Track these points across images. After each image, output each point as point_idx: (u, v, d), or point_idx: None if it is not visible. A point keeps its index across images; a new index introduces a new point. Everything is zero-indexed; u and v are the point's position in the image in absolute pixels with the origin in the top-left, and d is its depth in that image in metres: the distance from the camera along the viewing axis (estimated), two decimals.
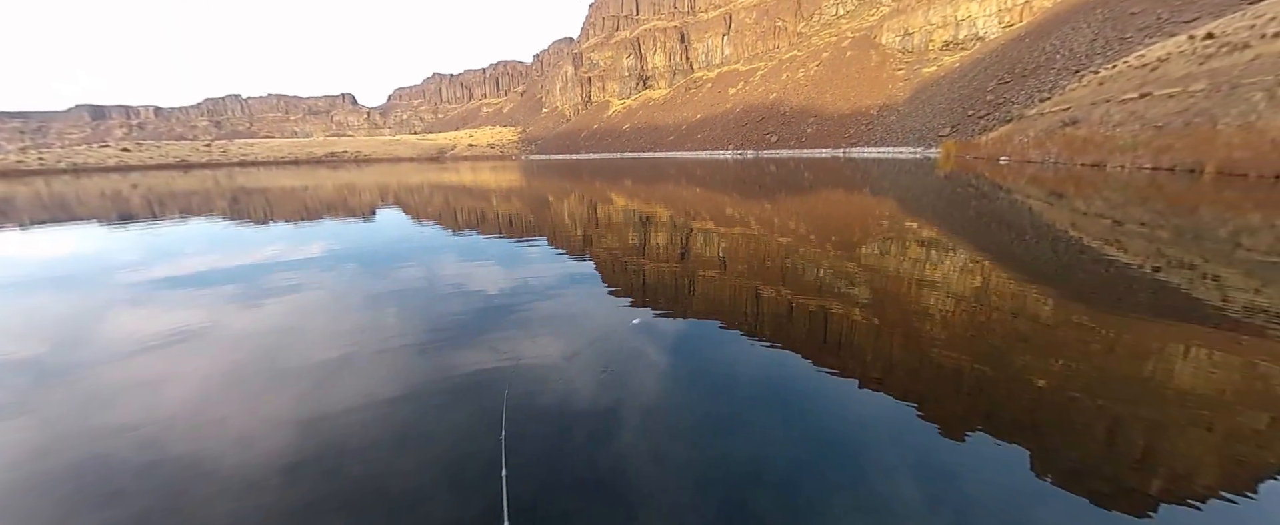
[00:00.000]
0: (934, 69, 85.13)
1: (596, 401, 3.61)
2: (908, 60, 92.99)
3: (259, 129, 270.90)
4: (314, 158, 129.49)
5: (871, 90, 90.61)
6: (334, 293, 7.12)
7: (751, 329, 5.06)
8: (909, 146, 67.60)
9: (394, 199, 23.41)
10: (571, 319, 5.54)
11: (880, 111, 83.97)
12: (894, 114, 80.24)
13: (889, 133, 75.97)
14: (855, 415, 3.43)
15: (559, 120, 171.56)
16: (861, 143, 79.60)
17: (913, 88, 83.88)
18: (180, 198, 27.22)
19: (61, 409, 3.87)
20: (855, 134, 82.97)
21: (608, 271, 7.91)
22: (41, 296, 7.53)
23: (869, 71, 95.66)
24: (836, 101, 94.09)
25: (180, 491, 2.81)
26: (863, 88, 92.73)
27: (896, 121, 77.42)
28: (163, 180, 49.69)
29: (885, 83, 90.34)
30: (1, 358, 4.98)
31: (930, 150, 59.46)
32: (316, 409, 3.66)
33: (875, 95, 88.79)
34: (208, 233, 13.98)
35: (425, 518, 2.52)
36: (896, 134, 74.04)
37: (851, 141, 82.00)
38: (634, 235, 11.18)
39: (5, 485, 2.92)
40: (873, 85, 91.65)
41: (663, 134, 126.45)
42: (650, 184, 28.53)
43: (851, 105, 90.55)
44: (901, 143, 70.51)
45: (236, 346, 5.09)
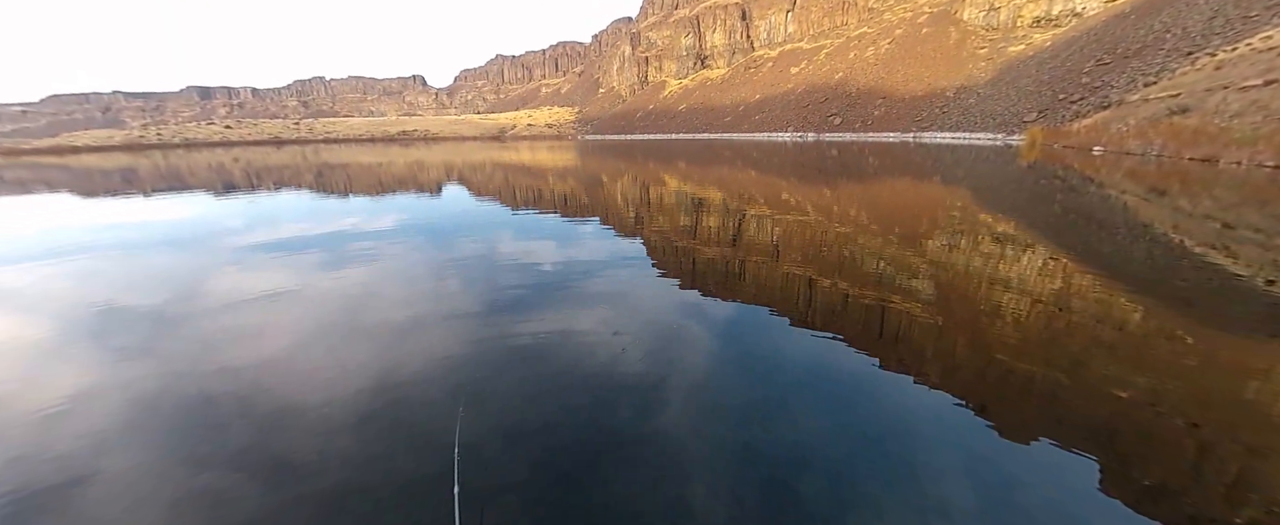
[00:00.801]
0: (1022, 48, 77.31)
1: (641, 376, 3.72)
2: (991, 38, 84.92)
3: (340, 108, 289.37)
4: (388, 136, 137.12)
5: (948, 70, 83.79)
6: (405, 261, 7.64)
7: (802, 318, 4.98)
8: (988, 132, 62.29)
9: (458, 176, 24.49)
10: (620, 297, 5.66)
11: (957, 94, 77.59)
12: (973, 96, 73.94)
13: (966, 117, 70.23)
14: (908, 412, 3.34)
15: (615, 101, 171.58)
16: (934, 127, 74.12)
17: (996, 68, 76.68)
18: (274, 171, 29.85)
19: (177, 352, 4.46)
20: (928, 117, 77.32)
21: (658, 253, 7.97)
22: (161, 255, 8.59)
23: (946, 50, 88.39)
24: (908, 82, 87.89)
25: (272, 429, 3.19)
26: (939, 67, 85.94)
27: (975, 105, 71.39)
28: (259, 155, 54.61)
29: (964, 62, 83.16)
30: (129, 307, 5.77)
31: (1012, 137, 54.56)
32: (388, 364, 4.01)
33: (952, 76, 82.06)
34: (297, 204, 15.31)
35: (479, 462, 2.73)
36: (974, 118, 68.34)
37: (923, 125, 76.52)
38: (685, 218, 11.14)
39: (132, 416, 3.44)
40: (950, 65, 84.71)
41: (718, 115, 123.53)
42: (704, 166, 28.12)
43: (925, 86, 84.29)
44: (980, 128, 65.07)
45: (322, 305, 5.62)
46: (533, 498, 2.53)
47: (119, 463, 2.89)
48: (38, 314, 5.61)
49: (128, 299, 6.07)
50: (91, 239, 10.38)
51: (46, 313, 5.64)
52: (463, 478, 2.60)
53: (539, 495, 2.55)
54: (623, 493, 2.54)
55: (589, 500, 2.50)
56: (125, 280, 7.01)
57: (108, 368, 4.18)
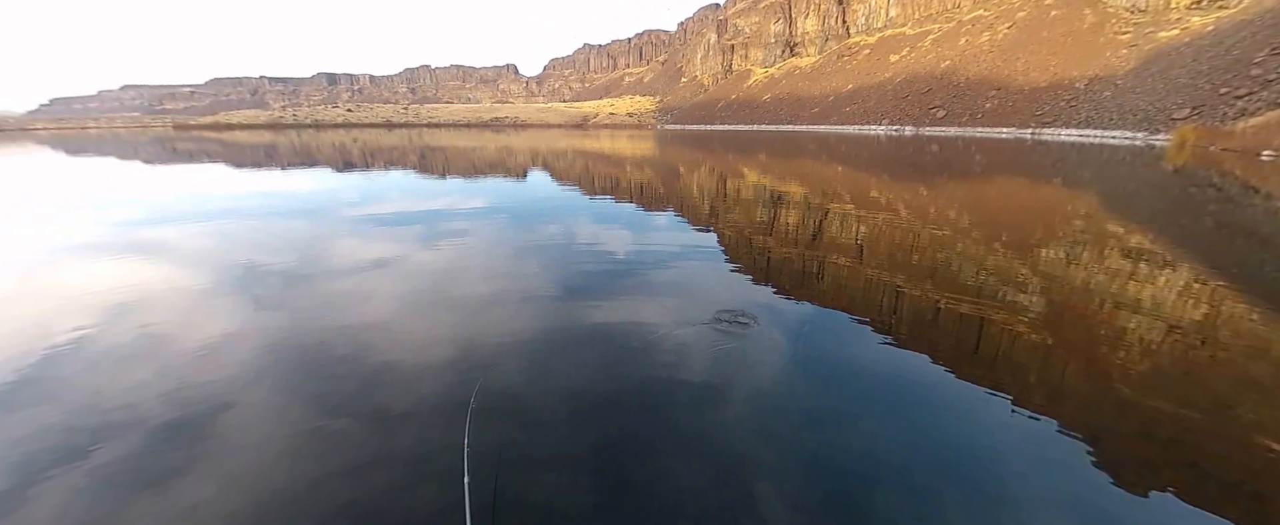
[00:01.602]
0: (1175, 33, 65.11)
1: (707, 370, 3.72)
2: (1137, 21, 72.31)
3: (442, 95, 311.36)
4: (482, 122, 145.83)
5: (1080, 58, 72.79)
6: (491, 241, 8.16)
7: (884, 326, 4.69)
8: (1126, 131, 53.79)
9: (542, 162, 25.55)
10: (689, 289, 5.66)
11: (1089, 85, 67.26)
12: (1109, 89, 63.80)
13: (1099, 112, 60.90)
14: (1000, 438, 3.06)
15: (697, 90, 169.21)
16: (1058, 123, 65.16)
17: (1140, 57, 65.41)
18: (385, 152, 32.94)
19: (301, 307, 5.12)
20: (1051, 112, 68.05)
21: (731, 246, 7.84)
22: (292, 222, 9.85)
23: (1079, 35, 76.83)
24: (1029, 71, 77.82)
25: (374, 382, 3.59)
26: (1068, 55, 75.01)
27: (1112, 98, 61.62)
28: (373, 136, 60.52)
29: (1101, 49, 71.70)
30: (265, 265, 6.69)
31: (1156, 137, 46.86)
32: (471, 334, 4.33)
33: (1084, 64, 71.18)
34: (403, 182, 16.83)
35: (542, 436, 2.89)
36: (1109, 114, 59.11)
37: (1044, 120, 67.48)
38: (762, 212, 10.84)
39: (265, 358, 4.00)
40: (1082, 52, 73.55)
41: (806, 106, 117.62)
42: (786, 159, 27.05)
43: (1049, 76, 74.13)
44: (1115, 125, 56.31)
45: (418, 276, 6.18)
46: (583, 483, 2.64)
47: (252, 397, 3.40)
48: (196, 266, 6.69)
49: (265, 258, 7.05)
50: (239, 205, 12.13)
51: (203, 265, 6.70)
52: (509, 455, 2.78)
53: (590, 481, 2.66)
54: (678, 488, 2.58)
55: (643, 493, 2.56)
56: (264, 241, 8.14)
57: (247, 315, 4.90)
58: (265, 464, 2.70)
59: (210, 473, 2.66)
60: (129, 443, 2.91)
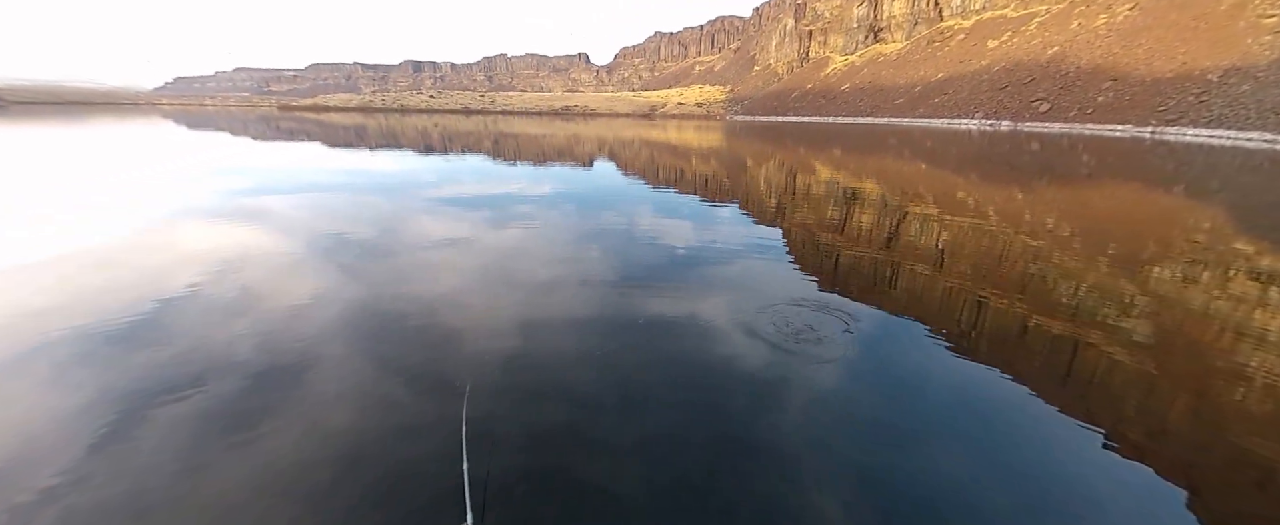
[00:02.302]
0: None
1: (762, 373, 3.58)
2: None
3: (516, 83, 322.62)
4: (553, 110, 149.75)
5: (1214, 45, 61.89)
6: (555, 226, 8.35)
7: (962, 341, 4.31)
8: (1267, 132, 45.84)
9: (608, 151, 25.82)
10: (749, 287, 5.49)
11: (1224, 77, 57.20)
12: (1248, 82, 54.13)
13: (1234, 109, 51.96)
14: (1088, 477, 2.71)
15: (770, 79, 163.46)
16: (1184, 121, 56.38)
17: None
18: (462, 137, 34.69)
19: (379, 277, 5.49)
20: (1176, 107, 58.93)
21: (797, 245, 7.52)
22: (374, 198, 10.60)
23: (1214, 18, 65.37)
24: (1152, 60, 67.71)
25: (439, 352, 3.77)
26: (1200, 41, 64.17)
27: (1251, 93, 52.32)
28: (452, 121, 63.91)
29: (1240, 36, 60.43)
30: (351, 236, 7.23)
31: None
32: (531, 316, 4.44)
33: (1219, 53, 60.44)
34: (477, 166, 17.65)
35: (591, 420, 2.90)
36: (1247, 112, 50.33)
37: (1167, 117, 58.57)
38: (833, 210, 10.31)
39: (344, 321, 4.32)
40: (1218, 38, 62.48)
41: (888, 96, 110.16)
42: (863, 154, 25.55)
43: (1176, 66, 64.02)
44: (1253, 125, 47.99)
45: (485, 255, 6.45)
46: (629, 474, 2.62)
47: (330, 354, 3.68)
48: (291, 233, 7.36)
49: (350, 230, 7.63)
50: (332, 180, 13.23)
51: (297, 233, 7.36)
52: (554, 436, 2.81)
53: (637, 474, 2.63)
54: (724, 491, 2.50)
55: (688, 491, 2.51)
56: (351, 215, 8.82)
57: (332, 281, 5.32)
58: (335, 417, 2.91)
59: (288, 419, 2.91)
60: (224, 386, 3.25)
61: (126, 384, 3.28)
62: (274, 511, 2.26)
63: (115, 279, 5.34)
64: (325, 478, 2.48)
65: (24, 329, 4.06)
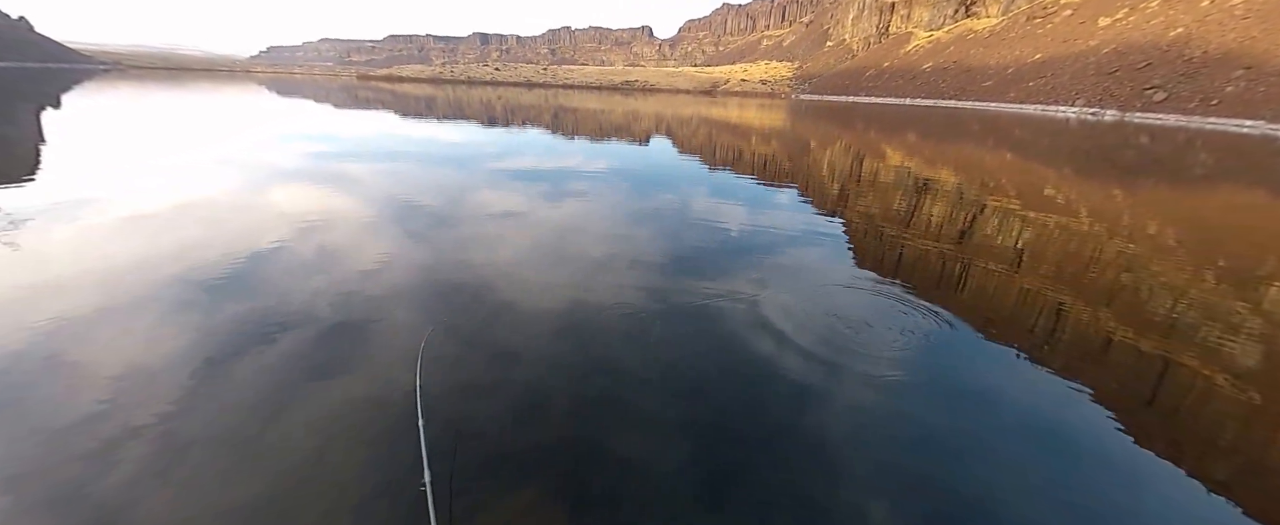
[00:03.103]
0: None
1: (809, 366, 3.48)
2: None
3: (579, 56, 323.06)
4: (613, 84, 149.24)
5: None
6: (608, 204, 8.42)
7: (1033, 350, 3.99)
8: None
9: (666, 129, 25.50)
10: (802, 277, 5.32)
11: None
12: None
13: None
14: (1167, 515, 2.47)
15: (843, 55, 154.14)
16: None
17: None
18: (523, 110, 35.40)
19: (441, 244, 5.78)
20: None
21: (857, 235, 7.18)
22: (442, 168, 11.08)
23: None
24: None
25: (495, 318, 3.94)
26: None
27: None
28: (514, 95, 65.27)
29: None
30: (418, 204, 7.62)
31: None
32: (581, 292, 4.54)
33: None
34: (537, 140, 18.00)
35: (633, 395, 2.96)
36: None
37: None
38: (902, 201, 9.72)
39: (410, 285, 4.59)
40: None
41: (975, 78, 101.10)
42: (941, 141, 23.77)
43: None
44: None
45: (540, 229, 6.62)
46: (669, 458, 2.65)
47: (395, 314, 3.95)
48: (366, 198, 7.85)
49: (419, 198, 8.04)
50: (404, 149, 13.95)
51: (371, 198, 7.85)
52: (598, 409, 2.88)
53: (676, 457, 2.66)
54: (761, 482, 2.48)
55: (726, 479, 2.51)
56: (420, 183, 9.29)
57: (400, 245, 5.66)
58: (397, 374, 3.13)
59: (358, 368, 3.17)
60: (303, 336, 3.57)
61: (222, 328, 3.67)
62: (343, 453, 2.49)
63: (215, 233, 5.94)
64: (387, 426, 2.69)
65: (140, 275, 4.62)
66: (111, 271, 4.63)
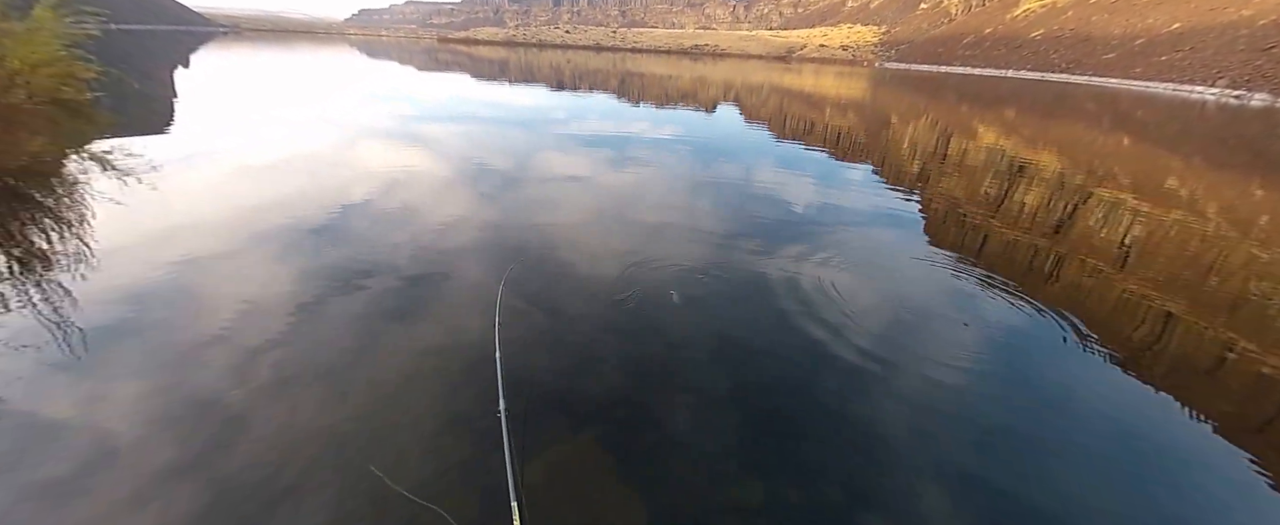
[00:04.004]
0: None
1: (869, 352, 3.36)
2: None
3: (649, 19, 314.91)
4: (682, 49, 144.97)
5: None
6: (671, 172, 8.35)
7: (1132, 359, 3.62)
8: None
9: (734, 96, 24.59)
10: (869, 258, 5.06)
11: None
12: None
13: None
14: None
15: (938, 19, 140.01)
16: None
17: None
18: (590, 75, 35.31)
19: (509, 205, 6.01)
20: None
21: (936, 219, 6.70)
22: (512, 131, 11.40)
23: None
24: None
25: (557, 275, 4.10)
26: None
27: None
28: (583, 59, 65.09)
29: None
30: (489, 165, 7.93)
31: None
32: (637, 257, 4.58)
33: None
34: (602, 105, 18.00)
35: (684, 370, 3.01)
36: None
37: None
38: (991, 184, 8.91)
39: (479, 243, 4.84)
40: None
41: (1095, 49, 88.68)
42: (1045, 119, 21.33)
43: None
44: None
45: (601, 195, 6.72)
46: (716, 432, 2.69)
47: (466, 269, 4.20)
48: (444, 158, 8.26)
49: (490, 159, 8.36)
50: (479, 111, 14.43)
51: (448, 158, 8.25)
52: (643, 376, 2.95)
53: (718, 432, 2.69)
54: (807, 465, 2.47)
55: (774, 458, 2.52)
56: (492, 145, 9.64)
57: (472, 205, 5.96)
58: (468, 323, 3.36)
59: (435, 313, 3.44)
60: (386, 283, 3.89)
61: (317, 272, 4.08)
62: (423, 386, 2.74)
63: (315, 185, 6.50)
64: (462, 364, 2.92)
65: (253, 221, 5.18)
66: (230, 216, 5.23)
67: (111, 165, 6.41)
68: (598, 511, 2.10)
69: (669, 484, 2.26)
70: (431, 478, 2.15)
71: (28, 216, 4.78)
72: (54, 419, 2.41)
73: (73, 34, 7.73)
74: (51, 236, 4.41)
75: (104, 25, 9.94)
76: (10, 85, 6.38)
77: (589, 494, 2.18)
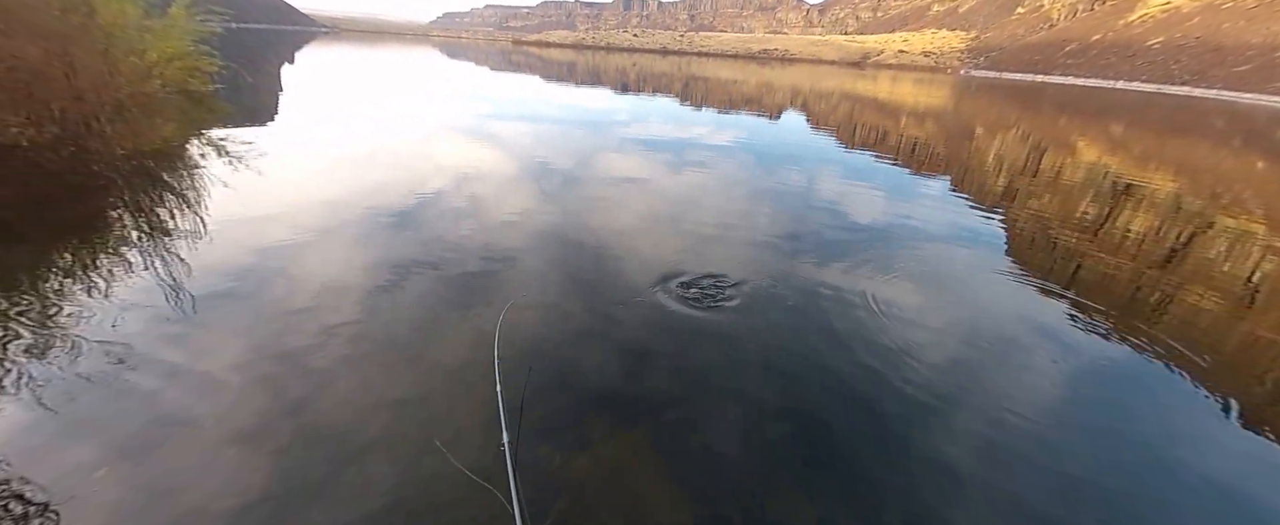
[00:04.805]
0: None
1: (937, 379, 3.12)
2: None
3: (718, 23, 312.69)
4: (749, 53, 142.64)
5: None
6: (729, 178, 8.22)
7: (1255, 413, 3.13)
8: None
9: (802, 103, 23.88)
10: (942, 281, 4.72)
11: None
12: None
13: None
14: None
15: (1038, 24, 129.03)
16: None
17: None
18: (655, 78, 35.54)
19: (567, 204, 6.14)
20: None
21: (1022, 241, 6.15)
22: (576, 131, 11.67)
23: None
24: None
25: (611, 273, 4.13)
26: None
27: None
28: (648, 62, 65.69)
29: None
30: (552, 164, 8.14)
31: None
32: (691, 262, 4.51)
33: None
34: (665, 108, 18.06)
35: (735, 374, 2.93)
36: None
37: None
38: (1090, 205, 8.07)
39: (539, 236, 4.97)
40: None
41: (1226, 59, 78.24)
42: (1161, 136, 19.10)
43: None
44: None
45: (657, 199, 6.71)
46: (760, 448, 2.59)
47: (528, 262, 4.33)
48: (511, 155, 8.58)
49: (554, 159, 8.59)
50: (545, 111, 14.90)
51: (515, 156, 8.56)
52: (693, 389, 2.87)
53: (767, 448, 2.59)
54: (876, 491, 2.32)
55: (831, 478, 2.40)
56: (555, 145, 9.91)
57: (534, 201, 6.14)
58: (530, 314, 3.46)
59: (493, 307, 3.56)
60: (452, 271, 4.08)
61: (390, 258, 4.34)
62: (477, 367, 2.85)
63: (395, 177, 6.96)
64: (513, 355, 3.01)
65: (340, 208, 5.61)
66: (320, 201, 5.69)
67: (225, 151, 7.17)
68: (644, 509, 2.08)
69: (716, 493, 2.20)
70: (490, 462, 2.21)
71: (156, 194, 5.45)
72: (168, 366, 2.73)
73: (200, 31, 8.74)
74: (174, 212, 4.99)
75: (226, 24, 11.18)
76: (148, 75, 7.29)
77: (628, 494, 2.16)
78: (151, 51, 7.67)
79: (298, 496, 2.02)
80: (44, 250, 3.98)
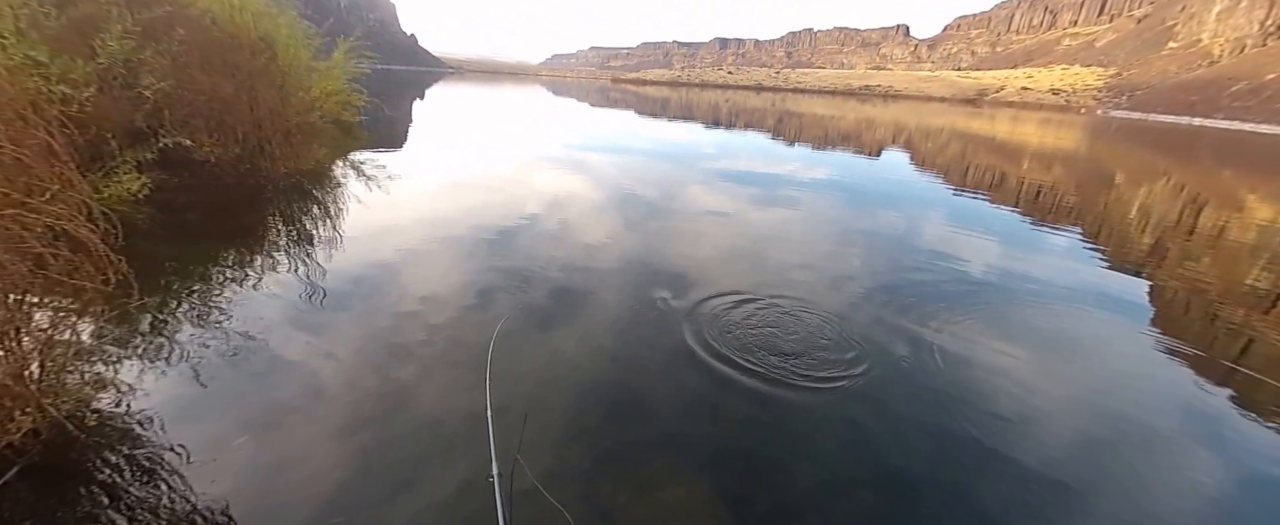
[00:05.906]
0: None
1: (1063, 470, 2.70)
2: None
3: (816, 60, 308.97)
4: (849, 89, 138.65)
5: None
6: (818, 217, 7.93)
7: None
8: None
9: (905, 141, 22.63)
10: (1068, 354, 4.13)
11: None
12: None
13: None
14: None
15: (1193, 61, 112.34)
16: None
17: None
18: (747, 114, 35.71)
19: (651, 234, 6.27)
20: None
21: (1169, 307, 5.24)
22: (663, 164, 11.97)
23: None
24: None
25: (684, 313, 4.11)
26: None
27: None
28: (742, 98, 66.29)
29: None
30: (638, 195, 8.39)
31: None
32: (772, 307, 4.34)
33: None
34: (755, 144, 18.03)
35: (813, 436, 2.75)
36: None
37: None
38: (1260, 272, 6.71)
39: (620, 263, 5.09)
40: None
41: None
42: None
43: None
44: None
45: (742, 233, 6.65)
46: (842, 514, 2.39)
47: (607, 288, 4.45)
48: (598, 184, 8.99)
49: (640, 190, 8.87)
50: (635, 144, 15.51)
51: (602, 185, 8.96)
52: (747, 437, 2.72)
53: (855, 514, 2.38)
54: None
55: None
56: (642, 176, 10.24)
57: (619, 230, 6.34)
58: (603, 339, 3.55)
59: (572, 330, 3.70)
60: (539, 292, 4.31)
61: (486, 275, 4.69)
62: (558, 390, 2.96)
63: (494, 200, 7.58)
64: (587, 377, 3.09)
65: (445, 227, 6.20)
66: (434, 220, 6.34)
67: (362, 172, 8.28)
68: None
69: None
70: (569, 478, 2.32)
71: (305, 208, 6.41)
72: (297, 351, 3.19)
73: (354, 71, 10.34)
74: (318, 223, 5.83)
75: (375, 66, 13.11)
76: (311, 107, 8.67)
77: None
78: (315, 88, 9.18)
79: (395, 473, 2.29)
80: (215, 249, 4.82)
